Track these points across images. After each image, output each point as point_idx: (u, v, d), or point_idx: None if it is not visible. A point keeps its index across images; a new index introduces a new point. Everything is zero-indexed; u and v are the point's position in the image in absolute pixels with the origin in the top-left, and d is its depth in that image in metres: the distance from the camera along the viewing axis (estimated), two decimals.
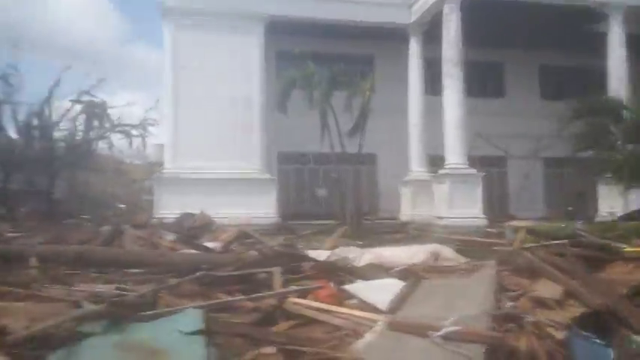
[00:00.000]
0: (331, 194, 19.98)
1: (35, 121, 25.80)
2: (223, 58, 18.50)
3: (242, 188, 17.30)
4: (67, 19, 75.33)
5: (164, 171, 18.27)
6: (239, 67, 18.74)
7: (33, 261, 4.77)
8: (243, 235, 7.61)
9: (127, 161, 45.27)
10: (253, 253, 5.85)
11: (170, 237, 7.27)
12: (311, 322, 3.17)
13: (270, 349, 2.73)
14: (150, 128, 30.31)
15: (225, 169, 17.46)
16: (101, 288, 3.89)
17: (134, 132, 29.20)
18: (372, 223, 16.89)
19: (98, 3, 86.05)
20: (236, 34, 18.81)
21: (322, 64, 18.07)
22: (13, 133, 26.44)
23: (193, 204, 15.11)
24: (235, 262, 4.78)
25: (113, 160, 41.23)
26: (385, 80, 20.40)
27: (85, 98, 26.90)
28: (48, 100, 25.40)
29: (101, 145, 32.18)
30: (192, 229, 8.27)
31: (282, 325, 3.12)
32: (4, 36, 42.38)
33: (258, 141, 18.63)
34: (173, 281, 3.98)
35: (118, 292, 3.79)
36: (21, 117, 25.95)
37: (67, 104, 27.23)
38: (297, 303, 3.29)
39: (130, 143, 34.18)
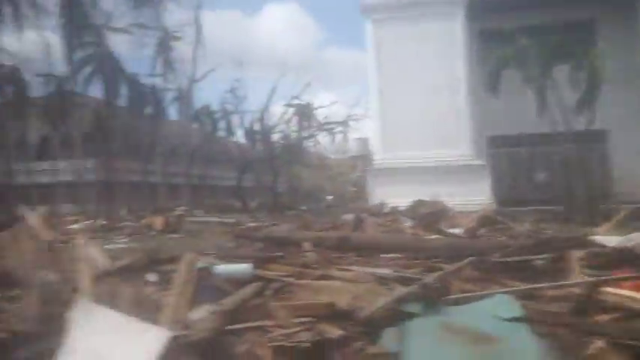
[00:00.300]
0: (552, 177, 18.18)
1: (257, 126, 29.45)
2: (424, 45, 18.25)
3: (453, 175, 16.87)
4: (271, 34, 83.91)
5: (375, 163, 18.91)
6: (441, 52, 18.29)
7: (307, 245, 5.27)
8: (488, 221, 7.30)
9: (331, 156, 48.47)
10: (504, 238, 5.54)
11: (408, 223, 7.39)
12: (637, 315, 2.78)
13: (600, 343, 2.44)
14: (351, 123, 31.98)
15: (434, 157, 17.24)
16: (382, 271, 4.06)
17: (339, 128, 31.19)
18: (610, 209, 14.77)
19: (296, 16, 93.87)
20: (436, 20, 18.40)
21: (533, 37, 16.47)
22: (241, 139, 30.81)
23: (405, 193, 15.29)
24: (501, 248, 4.54)
25: (319, 156, 44.60)
26: (611, 46, 17.67)
27: (295, 102, 29.68)
28: (266, 107, 28.74)
29: (308, 143, 35.18)
30: (427, 216, 8.27)
31: (603, 317, 2.79)
32: (230, 56, 49.62)
33: (466, 126, 17.94)
34: (449, 267, 3.94)
35: (397, 275, 3.90)
36: (246, 124, 30.06)
37: (281, 109, 30.49)
38: (616, 294, 2.92)
39: (333, 139, 36.57)
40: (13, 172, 25.08)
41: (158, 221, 16.21)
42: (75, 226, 16.33)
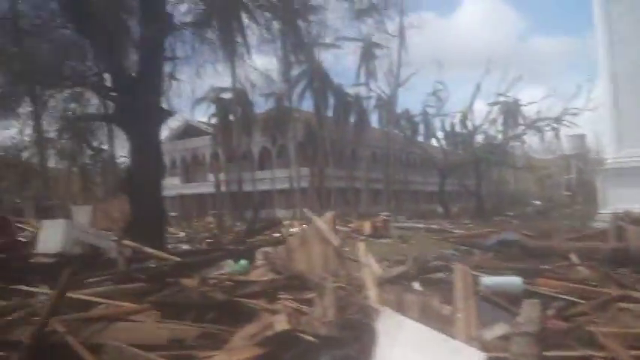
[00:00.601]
0: None
1: (460, 128, 28.33)
2: None
3: None
4: (470, 31, 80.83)
5: (607, 162, 16.34)
6: None
7: (574, 258, 4.58)
8: None
9: (538, 157, 44.11)
10: None
11: None
12: None
13: None
14: (567, 118, 28.48)
15: None
16: None
17: (550, 125, 28.02)
18: None
19: (493, 9, 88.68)
20: None
21: None
22: (443, 142, 29.98)
23: None
24: None
25: (525, 157, 40.98)
26: None
27: (501, 99, 27.70)
28: (470, 107, 27.39)
29: (514, 143, 32.54)
30: None
31: None
32: (430, 59, 49.33)
33: None
34: None
35: None
36: (448, 126, 29.22)
37: (484, 108, 28.84)
38: None
39: (542, 138, 33.15)
40: (242, 181, 28.77)
41: (366, 226, 16.63)
42: (293, 230, 17.82)
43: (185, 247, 9.86)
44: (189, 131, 37.46)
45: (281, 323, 2.63)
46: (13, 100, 8.06)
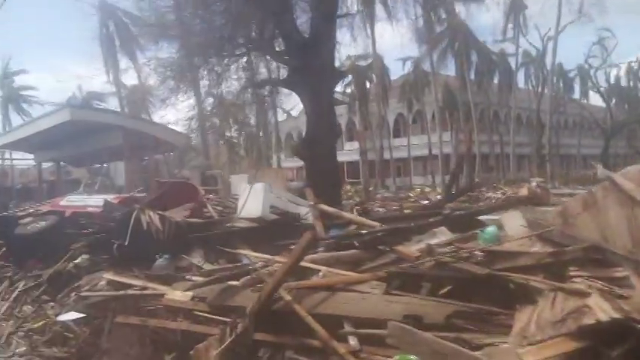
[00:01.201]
0: None
1: (627, 81, 24.61)
2: None
3: None
4: None
5: None
6: None
7: None
8: None
9: None
10: None
11: None
12: None
13: None
14: None
15: None
16: None
17: None
18: None
19: None
20: None
21: None
22: (605, 98, 26.22)
23: None
24: None
25: None
26: None
27: None
28: None
29: None
30: None
31: None
32: (590, 2, 43.00)
33: None
34: None
35: None
36: (613, 79, 25.41)
37: None
38: None
39: None
40: (382, 148, 28.27)
41: (523, 192, 15.32)
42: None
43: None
44: None
45: (604, 310, 2.03)
46: (191, 72, 8.37)
